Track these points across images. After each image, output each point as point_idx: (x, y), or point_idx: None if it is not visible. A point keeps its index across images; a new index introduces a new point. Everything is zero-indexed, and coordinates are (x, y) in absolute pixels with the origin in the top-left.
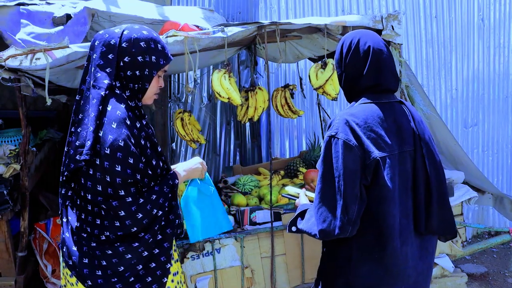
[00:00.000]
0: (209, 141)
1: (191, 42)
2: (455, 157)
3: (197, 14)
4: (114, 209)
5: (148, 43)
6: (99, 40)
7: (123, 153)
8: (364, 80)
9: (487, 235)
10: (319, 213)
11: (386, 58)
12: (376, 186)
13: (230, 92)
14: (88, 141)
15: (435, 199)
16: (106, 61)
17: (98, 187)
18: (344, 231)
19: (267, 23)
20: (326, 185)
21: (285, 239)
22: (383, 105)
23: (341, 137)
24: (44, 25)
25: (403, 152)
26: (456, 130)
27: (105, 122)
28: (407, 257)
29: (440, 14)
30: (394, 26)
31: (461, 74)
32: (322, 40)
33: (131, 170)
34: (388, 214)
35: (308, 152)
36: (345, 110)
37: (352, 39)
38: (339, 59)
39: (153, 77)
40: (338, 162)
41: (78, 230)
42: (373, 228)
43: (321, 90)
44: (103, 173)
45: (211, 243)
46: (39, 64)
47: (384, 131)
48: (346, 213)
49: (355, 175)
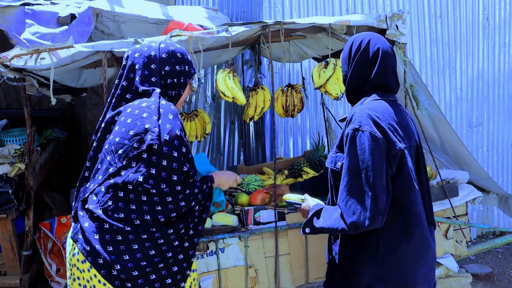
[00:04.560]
0: (213, 140)
1: (195, 42)
2: (460, 157)
3: (201, 14)
4: (163, 194)
5: (183, 54)
6: (139, 52)
7: (179, 142)
8: (373, 80)
9: (492, 235)
10: (348, 206)
11: (392, 61)
12: (401, 176)
13: (235, 91)
14: (155, 128)
15: (430, 193)
16: (150, 71)
17: (151, 170)
18: (375, 222)
19: (271, 22)
20: (353, 177)
21: (289, 239)
22: (391, 102)
23: (366, 129)
24: (49, 25)
25: (411, 146)
26: (461, 130)
27: (162, 113)
28: (430, 243)
29: (444, 13)
30: (398, 26)
31: (465, 74)
32: (326, 39)
33: (183, 158)
34: (414, 202)
35: (312, 151)
36: (362, 106)
37: (363, 40)
38: (347, 58)
39: (187, 85)
40: (364, 154)
41: (101, 220)
42: (400, 218)
43: (323, 89)
44: (160, 158)
45: (215, 243)
46: (44, 64)
47: (397, 125)
48: (376, 203)
49: (381, 166)
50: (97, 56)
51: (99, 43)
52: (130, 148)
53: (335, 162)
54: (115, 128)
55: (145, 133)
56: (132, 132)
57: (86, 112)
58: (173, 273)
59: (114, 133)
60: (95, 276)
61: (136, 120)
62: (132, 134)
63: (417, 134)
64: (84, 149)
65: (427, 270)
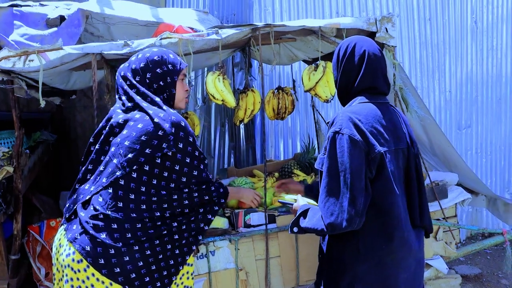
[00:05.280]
0: (204, 143)
1: (185, 44)
2: (449, 159)
3: (192, 16)
4: (171, 193)
5: (160, 56)
6: (123, 70)
7: (192, 148)
8: (359, 83)
9: (481, 236)
10: (326, 207)
11: (380, 63)
12: (380, 179)
13: (224, 94)
14: (170, 136)
15: (424, 196)
16: (139, 82)
17: (164, 173)
18: (352, 223)
19: (261, 25)
20: (332, 179)
21: (280, 241)
22: (379, 104)
23: (345, 132)
24: (38, 27)
25: (398, 149)
26: (450, 132)
27: (174, 120)
28: (410, 247)
29: (434, 17)
30: (388, 29)
31: (454, 76)
32: (316, 42)
33: (197, 162)
34: (394, 205)
35: (302, 154)
36: (346, 108)
37: (349, 44)
38: (336, 63)
39: (176, 82)
40: (343, 156)
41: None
42: (379, 221)
43: (313, 92)
44: (174, 163)
45: (206, 246)
46: (33, 66)
47: (383, 128)
48: (354, 205)
49: (360, 168)
50: (87, 58)
51: (89, 45)
52: (142, 153)
53: (323, 163)
54: (123, 132)
55: (158, 139)
56: (144, 137)
57: (75, 115)
58: (176, 256)
59: (122, 136)
60: (92, 275)
61: (148, 126)
62: (144, 139)
63: (409, 136)
64: (73, 152)
65: (408, 275)
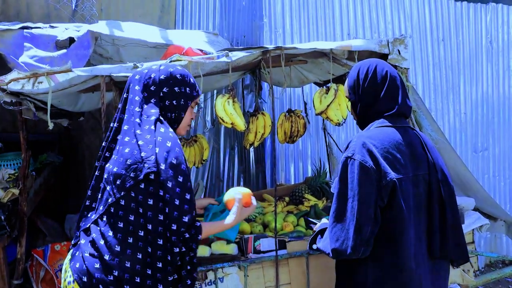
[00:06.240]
0: (213, 167)
1: (195, 67)
2: (465, 183)
3: (201, 38)
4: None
5: (183, 76)
6: (139, 74)
7: (174, 171)
8: (380, 105)
9: (501, 264)
10: (333, 232)
11: (400, 85)
12: (392, 207)
13: (233, 117)
14: (151, 157)
15: (450, 223)
16: (150, 92)
17: (149, 201)
18: (357, 252)
19: (272, 47)
20: (341, 205)
21: (290, 268)
22: (398, 129)
23: (357, 158)
24: (47, 49)
25: (417, 176)
26: (466, 155)
27: (160, 142)
28: (421, 280)
29: (447, 37)
30: (400, 50)
31: (469, 98)
32: (327, 64)
33: (180, 189)
34: (404, 236)
35: (313, 178)
36: (362, 133)
37: (370, 65)
38: (354, 86)
39: (188, 107)
40: (353, 182)
41: (103, 251)
42: (389, 251)
43: (324, 115)
44: (157, 188)
45: (214, 272)
46: (42, 88)
47: (400, 154)
48: (359, 233)
49: (369, 196)
50: (96, 80)
51: (98, 68)
52: (127, 178)
53: None
54: (113, 157)
55: (141, 162)
56: (129, 161)
57: (83, 137)
58: None
59: (112, 162)
60: None
61: (133, 150)
62: (129, 163)
63: (432, 162)
64: (80, 174)
65: None
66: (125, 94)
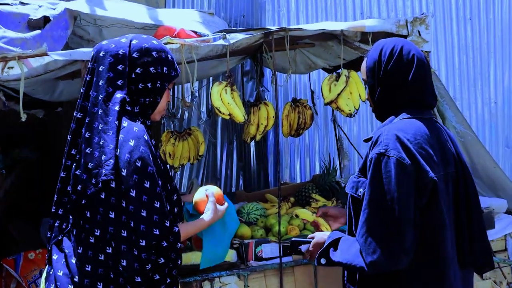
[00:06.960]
0: (209, 163)
1: (188, 51)
2: (495, 181)
3: (195, 18)
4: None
5: (160, 53)
6: (104, 51)
7: (139, 176)
8: (408, 92)
9: None
10: (368, 242)
11: (428, 71)
12: (431, 209)
13: (231, 107)
14: (110, 161)
15: (476, 227)
16: (116, 73)
17: (110, 214)
18: (399, 263)
19: (275, 29)
20: (376, 210)
21: (296, 277)
22: (426, 121)
23: (393, 154)
24: (18, 29)
25: (447, 174)
26: (496, 150)
27: (121, 140)
28: None
29: (475, 16)
30: (421, 31)
31: (501, 85)
32: (337, 48)
33: (147, 197)
34: (444, 242)
35: (322, 176)
36: (391, 125)
37: (395, 45)
38: (374, 68)
39: (165, 90)
40: (390, 183)
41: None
42: (428, 259)
43: (334, 105)
44: (119, 198)
45: (210, 282)
46: (12, 74)
47: (432, 149)
48: (401, 242)
49: (409, 198)
50: (75, 65)
51: (78, 51)
52: (88, 184)
53: (357, 188)
54: (77, 157)
55: (101, 166)
56: (90, 165)
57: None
58: None
59: (76, 163)
60: None
61: (95, 150)
62: (90, 167)
63: (458, 158)
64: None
65: None
66: (88, 76)
